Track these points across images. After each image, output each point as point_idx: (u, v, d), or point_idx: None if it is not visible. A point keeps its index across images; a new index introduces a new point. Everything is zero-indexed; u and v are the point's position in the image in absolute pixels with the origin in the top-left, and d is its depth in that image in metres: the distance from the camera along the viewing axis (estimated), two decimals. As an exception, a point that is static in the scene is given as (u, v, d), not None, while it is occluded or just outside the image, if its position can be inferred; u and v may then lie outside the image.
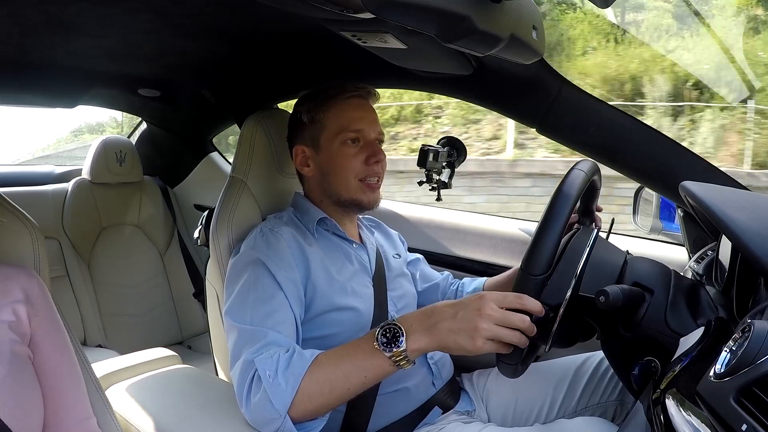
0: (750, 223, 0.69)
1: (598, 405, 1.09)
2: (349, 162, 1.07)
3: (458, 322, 0.79)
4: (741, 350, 0.56)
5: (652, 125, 1.11)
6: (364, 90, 1.11)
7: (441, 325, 0.81)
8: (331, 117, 1.08)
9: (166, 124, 2.19)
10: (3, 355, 0.73)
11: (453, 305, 0.82)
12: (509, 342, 0.78)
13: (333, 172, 1.09)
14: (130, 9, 0.99)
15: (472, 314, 0.78)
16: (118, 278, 2.04)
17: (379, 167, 1.09)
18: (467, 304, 0.80)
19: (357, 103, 1.10)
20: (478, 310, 0.78)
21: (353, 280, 1.09)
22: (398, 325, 0.83)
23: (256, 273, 0.99)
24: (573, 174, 0.88)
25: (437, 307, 0.84)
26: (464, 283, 1.32)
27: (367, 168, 1.08)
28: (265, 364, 0.87)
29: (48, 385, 0.79)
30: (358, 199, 1.09)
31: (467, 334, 0.78)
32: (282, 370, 0.86)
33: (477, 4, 0.63)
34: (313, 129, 1.10)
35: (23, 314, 0.79)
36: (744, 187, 1.02)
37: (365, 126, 1.08)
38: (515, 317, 0.78)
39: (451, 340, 0.80)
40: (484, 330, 0.77)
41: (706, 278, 1.00)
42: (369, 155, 1.07)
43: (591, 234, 0.91)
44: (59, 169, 2.29)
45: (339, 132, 1.07)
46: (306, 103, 1.12)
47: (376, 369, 0.84)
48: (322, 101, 1.10)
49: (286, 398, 0.85)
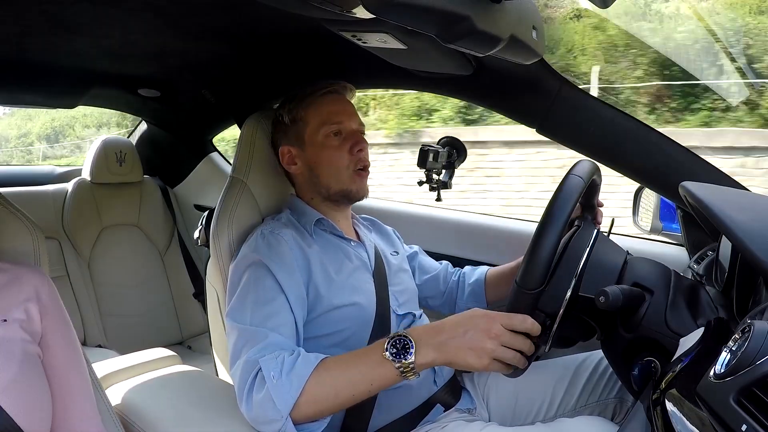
0: (750, 223, 0.69)
1: (597, 402, 1.10)
2: (335, 153, 1.10)
3: (467, 340, 0.82)
4: (741, 350, 0.56)
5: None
6: (339, 85, 1.15)
7: (450, 342, 0.83)
8: (311, 113, 1.12)
9: (166, 124, 2.18)
10: (14, 355, 0.74)
11: (462, 323, 0.84)
12: (512, 363, 0.82)
13: (320, 166, 1.12)
14: (130, 9, 0.99)
15: (481, 335, 0.81)
16: (118, 278, 2.04)
17: (364, 155, 1.12)
18: (476, 324, 0.82)
19: (334, 98, 1.13)
20: (487, 331, 0.81)
21: (353, 277, 1.10)
22: (408, 337, 0.85)
23: (257, 275, 0.99)
24: (568, 182, 0.87)
25: (447, 323, 0.86)
26: (465, 273, 1.32)
27: (352, 157, 1.10)
28: (270, 365, 0.88)
29: (57, 384, 0.80)
30: (348, 188, 1.11)
31: (475, 353, 0.81)
32: (287, 371, 0.87)
33: (477, 4, 0.63)
34: (296, 128, 1.13)
35: (35, 313, 0.80)
36: (744, 187, 1.02)
37: (345, 118, 1.11)
38: (519, 341, 0.81)
39: (459, 357, 0.83)
40: (491, 351, 0.81)
41: (706, 278, 1.00)
42: (352, 144, 1.10)
43: (591, 234, 0.91)
44: (59, 169, 2.30)
45: (321, 126, 1.10)
46: (285, 105, 1.16)
47: (382, 378, 0.86)
48: (300, 100, 1.13)
49: (290, 400, 0.85)
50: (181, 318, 2.18)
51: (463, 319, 0.85)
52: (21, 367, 0.73)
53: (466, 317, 0.85)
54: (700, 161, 1.07)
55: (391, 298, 1.13)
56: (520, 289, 0.83)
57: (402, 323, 1.14)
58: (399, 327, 1.13)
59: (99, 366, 1.11)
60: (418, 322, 1.18)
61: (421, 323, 1.18)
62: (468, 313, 0.87)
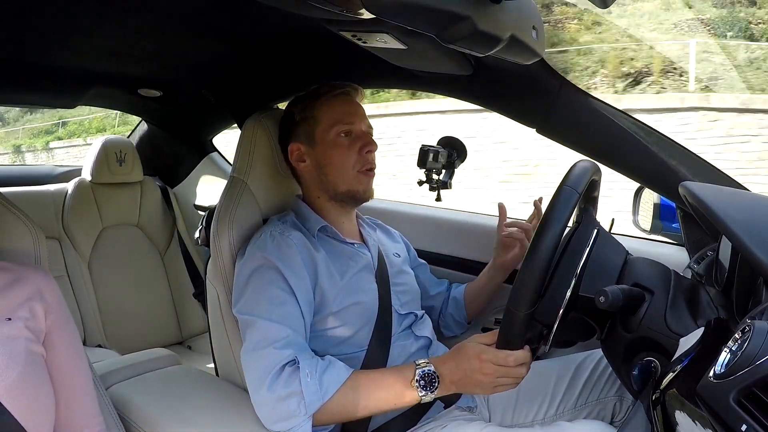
0: (750, 224, 0.69)
1: (597, 401, 1.10)
2: (345, 153, 1.11)
3: (473, 378, 0.92)
4: (741, 350, 0.56)
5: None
6: (351, 87, 1.17)
7: (463, 380, 0.93)
8: (323, 112, 1.13)
9: (166, 124, 2.18)
10: (18, 355, 0.74)
11: (462, 365, 0.93)
12: (510, 387, 0.93)
13: (330, 164, 1.13)
14: (131, 9, 0.99)
15: (479, 375, 0.91)
16: (118, 278, 2.04)
17: (372, 156, 1.14)
18: (472, 368, 0.91)
19: (346, 99, 1.15)
20: (482, 373, 0.90)
21: (357, 278, 1.11)
22: (437, 374, 0.94)
23: (270, 277, 1.01)
24: (562, 195, 0.85)
25: (461, 363, 0.93)
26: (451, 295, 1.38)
27: (360, 157, 1.12)
28: (307, 363, 0.92)
29: (60, 382, 0.80)
30: (354, 189, 1.13)
31: (481, 387, 0.92)
32: (320, 374, 0.92)
33: (477, 4, 0.63)
34: (307, 125, 1.14)
35: (39, 311, 0.80)
36: (744, 187, 1.02)
37: (356, 119, 1.13)
38: (514, 372, 0.90)
39: (468, 389, 0.96)
40: (490, 384, 0.91)
41: (706, 278, 0.99)
42: (362, 145, 1.12)
43: (591, 233, 0.91)
44: (59, 169, 2.30)
45: (332, 125, 1.12)
46: (298, 103, 1.17)
47: (404, 403, 0.96)
48: (314, 99, 1.15)
49: (317, 401, 0.90)
50: (181, 318, 2.18)
51: (462, 359, 0.93)
52: (25, 367, 0.73)
53: (463, 359, 0.93)
54: (700, 161, 1.07)
55: (393, 298, 1.14)
56: (513, 312, 0.84)
57: (403, 323, 1.15)
58: (401, 326, 1.14)
59: (99, 366, 1.11)
60: (420, 321, 1.19)
61: (423, 324, 1.19)
62: (463, 352, 0.94)
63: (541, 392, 1.13)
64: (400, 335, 1.13)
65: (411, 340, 1.14)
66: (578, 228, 0.94)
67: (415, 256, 1.38)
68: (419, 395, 0.93)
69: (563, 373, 1.14)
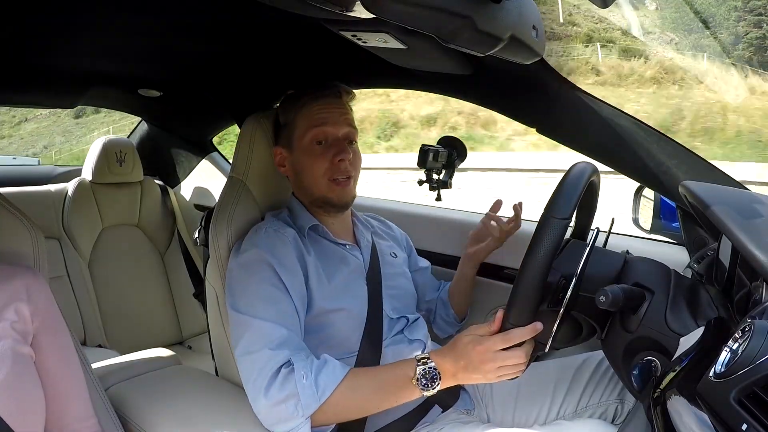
0: (750, 223, 0.69)
1: (598, 404, 1.09)
2: (317, 161, 1.10)
3: (474, 367, 0.89)
4: (741, 350, 0.56)
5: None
6: (337, 89, 1.13)
7: (465, 371, 0.91)
8: (301, 118, 1.11)
9: (166, 124, 2.18)
10: (5, 356, 0.73)
11: (461, 356, 0.90)
12: (513, 375, 0.90)
13: (302, 171, 1.12)
14: (131, 9, 0.99)
15: (478, 364, 0.89)
16: (118, 278, 2.04)
17: (346, 165, 1.10)
18: (471, 357, 0.89)
19: (326, 102, 1.12)
20: (482, 361, 0.88)
21: (347, 280, 1.10)
22: (438, 371, 0.92)
23: (264, 274, 1.00)
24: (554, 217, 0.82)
25: (460, 355, 0.91)
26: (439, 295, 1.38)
27: (333, 166, 1.09)
28: (302, 364, 0.91)
29: (50, 385, 0.79)
30: (327, 197, 1.11)
31: (483, 375, 0.90)
32: (316, 374, 0.90)
33: (477, 4, 0.63)
34: (287, 130, 1.14)
35: (26, 313, 0.79)
36: (744, 187, 1.02)
37: (330, 126, 1.10)
38: (513, 357, 0.87)
39: (471, 380, 0.92)
40: (492, 372, 0.88)
41: (706, 278, 0.99)
42: (334, 154, 1.09)
43: (591, 234, 0.91)
44: (59, 169, 2.30)
45: (306, 131, 1.10)
46: (283, 105, 1.15)
47: (406, 398, 0.95)
48: (294, 102, 1.13)
49: (315, 403, 0.89)
50: (181, 318, 2.18)
51: (460, 350, 0.91)
52: (13, 368, 0.73)
53: (461, 350, 0.91)
54: (700, 161, 1.07)
55: (385, 302, 1.13)
56: (510, 325, 0.85)
57: (395, 327, 1.14)
58: (392, 330, 1.13)
59: (99, 366, 1.11)
60: (413, 325, 1.17)
61: (416, 327, 1.17)
62: (460, 344, 0.91)
63: (540, 394, 1.12)
64: (393, 339, 1.12)
65: (404, 344, 1.12)
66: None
67: (416, 259, 1.37)
68: (421, 391, 0.92)
69: (563, 375, 1.13)
